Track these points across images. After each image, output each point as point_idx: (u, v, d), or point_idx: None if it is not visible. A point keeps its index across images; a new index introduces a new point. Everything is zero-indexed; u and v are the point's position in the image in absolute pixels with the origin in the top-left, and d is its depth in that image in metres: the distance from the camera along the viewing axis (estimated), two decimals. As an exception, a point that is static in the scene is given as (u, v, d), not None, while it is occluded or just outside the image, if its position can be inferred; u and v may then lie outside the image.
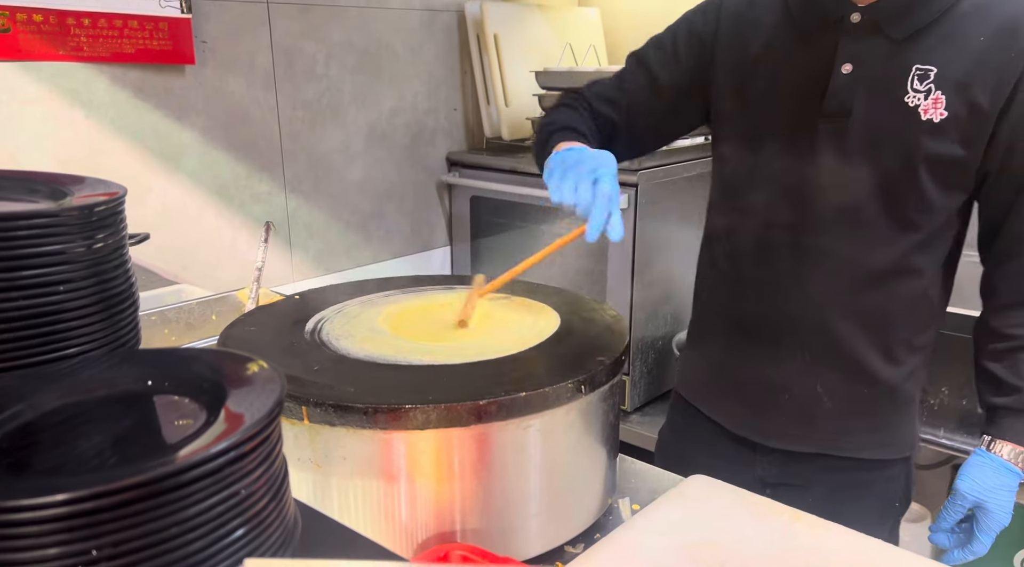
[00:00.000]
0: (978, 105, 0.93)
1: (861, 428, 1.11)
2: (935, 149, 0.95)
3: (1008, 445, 1.03)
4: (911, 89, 0.95)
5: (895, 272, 1.03)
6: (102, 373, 0.53)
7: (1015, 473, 1.03)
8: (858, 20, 0.96)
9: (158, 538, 0.39)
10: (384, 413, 0.73)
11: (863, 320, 1.05)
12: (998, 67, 0.92)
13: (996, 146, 0.95)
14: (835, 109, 0.98)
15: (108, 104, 1.68)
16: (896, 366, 1.08)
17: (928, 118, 0.94)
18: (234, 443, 0.41)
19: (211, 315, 1.28)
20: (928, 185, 0.97)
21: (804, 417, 1.11)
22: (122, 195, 0.59)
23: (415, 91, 2.32)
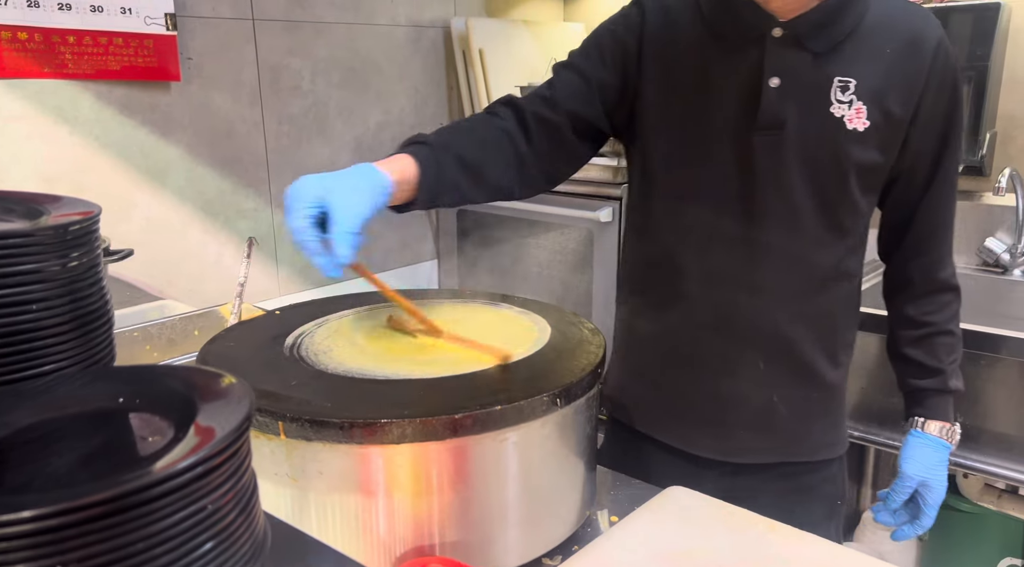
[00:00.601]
0: (893, 113, 1.00)
1: (814, 431, 1.15)
2: (861, 157, 1.01)
3: (937, 423, 1.14)
4: (835, 100, 0.99)
5: (834, 276, 1.09)
6: (75, 391, 0.54)
7: (946, 447, 1.14)
8: (780, 35, 0.98)
9: (124, 553, 0.39)
10: (360, 428, 0.73)
11: (811, 325, 1.09)
12: (906, 77, 1.00)
13: (907, 151, 1.04)
14: (769, 122, 1.00)
15: (93, 121, 1.69)
16: (837, 367, 1.14)
17: (853, 128, 1.00)
18: (200, 459, 0.42)
19: (193, 331, 1.29)
20: (856, 191, 1.03)
21: (762, 428, 1.12)
22: (96, 214, 0.60)
23: (401, 106, 2.34)
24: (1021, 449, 1.50)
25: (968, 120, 1.78)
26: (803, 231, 1.04)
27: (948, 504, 1.80)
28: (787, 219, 1.04)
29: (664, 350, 1.14)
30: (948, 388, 1.14)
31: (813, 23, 0.97)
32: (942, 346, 1.13)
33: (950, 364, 1.13)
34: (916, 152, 1.04)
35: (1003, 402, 1.51)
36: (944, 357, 1.13)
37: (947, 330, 1.13)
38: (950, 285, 1.14)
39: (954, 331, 1.14)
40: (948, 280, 1.13)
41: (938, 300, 1.13)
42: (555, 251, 2.24)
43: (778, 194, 1.02)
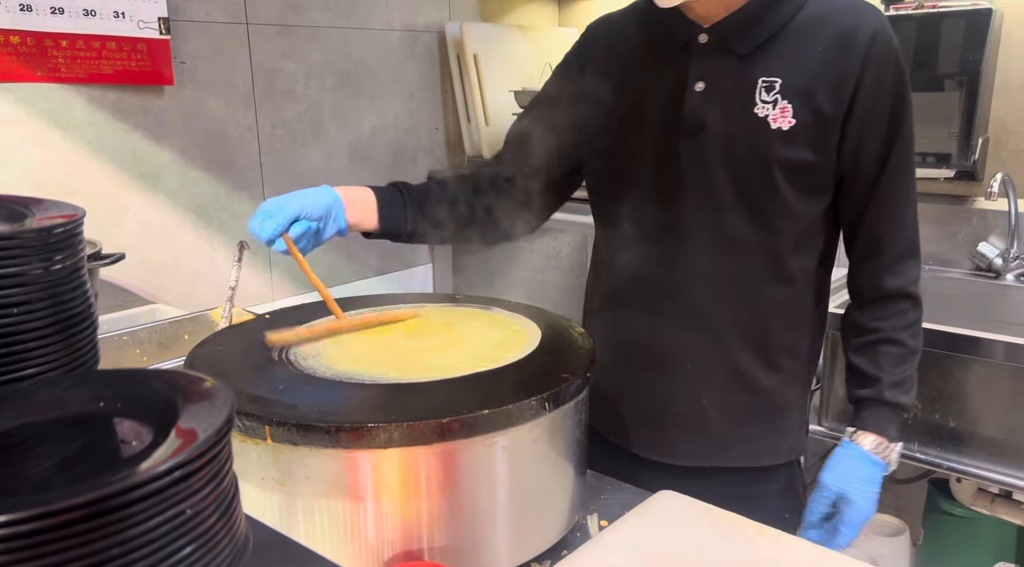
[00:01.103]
0: (822, 111, 0.98)
1: (747, 436, 1.12)
2: (787, 155, 0.99)
3: (870, 436, 1.07)
4: (759, 100, 1.00)
5: (767, 279, 1.06)
6: (56, 394, 0.53)
7: (877, 464, 1.07)
8: (706, 40, 1.01)
9: (100, 559, 0.39)
10: (346, 432, 0.73)
11: (742, 328, 1.08)
12: (837, 75, 0.97)
13: (846, 149, 1.00)
14: (691, 125, 1.02)
15: (85, 125, 1.69)
16: (776, 373, 1.10)
17: (777, 127, 0.99)
18: (179, 463, 0.42)
19: (183, 335, 1.28)
20: (786, 191, 1.01)
21: (692, 429, 1.12)
22: (80, 217, 0.60)
23: (396, 110, 2.34)
24: (1014, 454, 1.50)
25: (960, 125, 1.79)
26: (729, 233, 1.04)
27: (941, 509, 1.80)
28: (712, 222, 1.04)
29: (609, 349, 1.15)
30: (884, 399, 1.07)
31: (735, 27, 1.00)
32: (886, 355, 1.07)
33: (894, 375, 1.07)
34: (857, 150, 1.01)
35: (996, 407, 1.51)
36: (887, 367, 1.07)
37: (894, 339, 1.07)
38: (905, 293, 1.07)
39: (904, 342, 1.07)
40: (902, 287, 1.06)
41: (888, 307, 1.07)
42: (549, 255, 2.24)
43: (703, 197, 1.04)
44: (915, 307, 1.08)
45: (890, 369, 1.07)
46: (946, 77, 1.80)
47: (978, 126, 1.80)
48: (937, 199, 1.97)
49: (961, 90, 1.78)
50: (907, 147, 1.03)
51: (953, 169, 1.84)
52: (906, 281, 1.06)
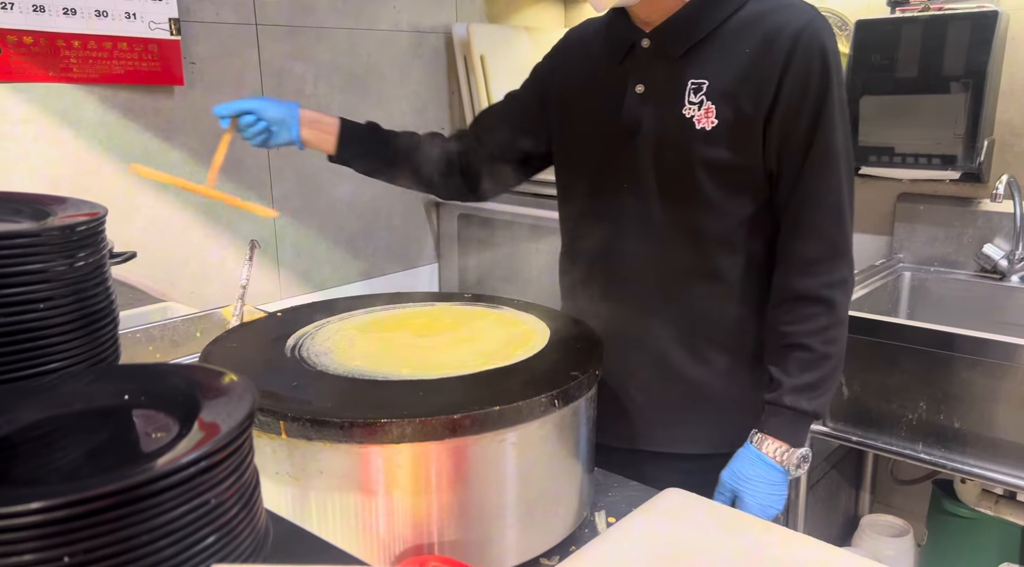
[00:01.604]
0: (744, 112, 1.01)
1: (671, 422, 1.14)
2: (708, 154, 1.02)
3: (770, 440, 1.06)
4: (687, 102, 1.03)
5: (695, 275, 1.08)
6: (81, 388, 0.55)
7: (774, 468, 1.05)
8: (647, 45, 1.06)
9: (129, 545, 0.40)
10: (360, 427, 0.74)
11: (665, 320, 1.11)
12: (760, 76, 1.00)
13: (770, 148, 1.02)
14: (628, 126, 1.07)
15: (97, 124, 1.70)
16: (705, 366, 1.12)
17: (701, 127, 1.02)
18: (204, 454, 0.43)
19: (195, 332, 1.30)
20: (709, 190, 1.04)
21: (617, 411, 1.15)
22: (103, 215, 0.61)
23: (403, 111, 2.35)
24: (1019, 455, 1.50)
25: (966, 127, 1.80)
26: (658, 228, 1.08)
27: (946, 509, 1.81)
28: (645, 216, 1.09)
29: None
30: (784, 404, 1.05)
31: (671, 31, 1.04)
32: (793, 360, 1.05)
33: (798, 380, 1.04)
34: (781, 149, 1.02)
35: (1000, 408, 1.51)
36: (793, 372, 1.05)
37: (802, 344, 1.04)
38: (817, 296, 1.04)
39: (812, 346, 1.04)
40: (814, 290, 1.04)
41: (799, 310, 1.05)
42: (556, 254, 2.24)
43: (637, 192, 1.09)
44: (829, 311, 1.04)
45: (796, 374, 1.05)
46: (952, 79, 1.80)
47: (984, 128, 1.81)
48: (942, 201, 1.98)
49: (967, 92, 1.79)
50: (829, 148, 1.01)
51: (958, 171, 1.85)
52: (820, 283, 1.03)
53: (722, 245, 1.07)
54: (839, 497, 2.09)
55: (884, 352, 1.58)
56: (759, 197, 1.06)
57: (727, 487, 1.08)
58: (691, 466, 1.14)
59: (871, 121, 1.89)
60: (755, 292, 1.10)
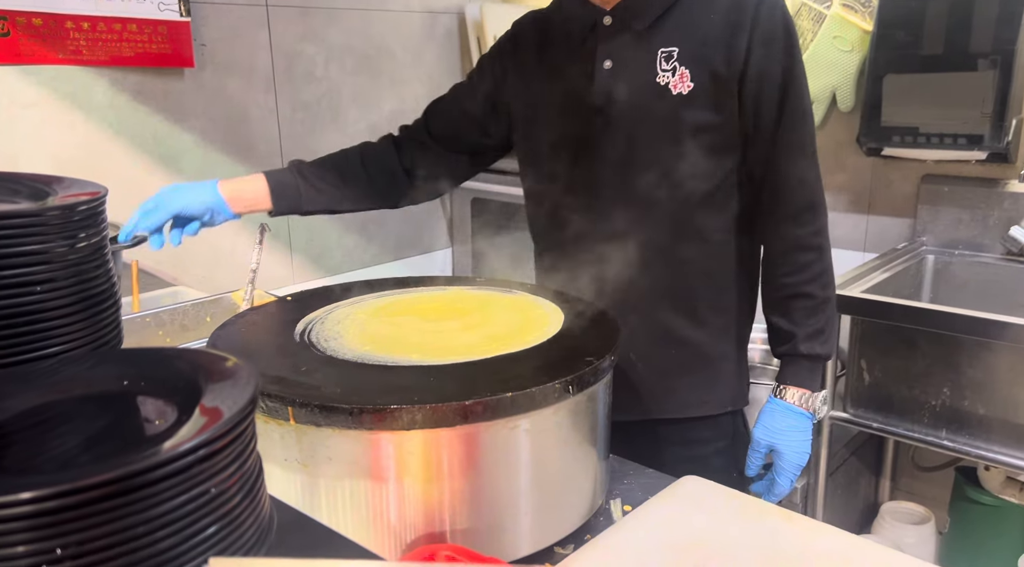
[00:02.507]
0: (718, 73, 1.04)
1: (677, 388, 1.16)
2: (690, 118, 1.05)
3: (792, 389, 1.12)
4: (660, 70, 1.06)
5: (682, 239, 1.10)
6: (80, 373, 0.53)
7: (803, 415, 1.12)
8: (609, 22, 1.09)
9: (124, 537, 0.38)
10: (369, 413, 0.73)
11: (658, 285, 1.12)
12: (729, 37, 1.03)
13: (746, 106, 1.06)
14: (601, 101, 1.09)
15: (107, 107, 1.69)
16: (700, 327, 1.14)
17: (678, 92, 1.05)
18: (203, 441, 0.41)
19: (205, 317, 1.29)
20: (692, 153, 1.06)
21: (623, 384, 1.13)
22: (103, 195, 0.60)
23: (415, 93, 2.32)
24: (1044, 442, 1.47)
25: (993, 106, 1.74)
26: (642, 197, 1.09)
27: (969, 497, 1.77)
28: (627, 188, 1.09)
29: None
30: (800, 352, 1.11)
31: (632, 6, 1.07)
32: (799, 310, 1.11)
33: (808, 327, 1.11)
34: (756, 107, 1.05)
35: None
36: (801, 320, 1.11)
37: (804, 292, 1.10)
38: (808, 244, 1.10)
39: (813, 294, 1.10)
40: (805, 238, 1.09)
41: (793, 260, 1.10)
42: (570, 239, 2.21)
43: (616, 166, 1.10)
44: (821, 257, 1.10)
45: (804, 322, 1.10)
46: (979, 56, 1.75)
47: (1012, 107, 1.75)
48: (968, 182, 1.93)
49: (995, 70, 1.74)
50: (801, 101, 1.07)
51: (985, 151, 1.79)
52: (809, 231, 1.09)
53: (706, 207, 1.10)
54: (859, 484, 2.06)
55: (906, 337, 1.55)
56: (732, 156, 1.09)
57: (762, 444, 1.13)
58: (695, 437, 1.17)
59: (895, 100, 1.84)
60: (736, 250, 1.15)
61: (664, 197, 1.09)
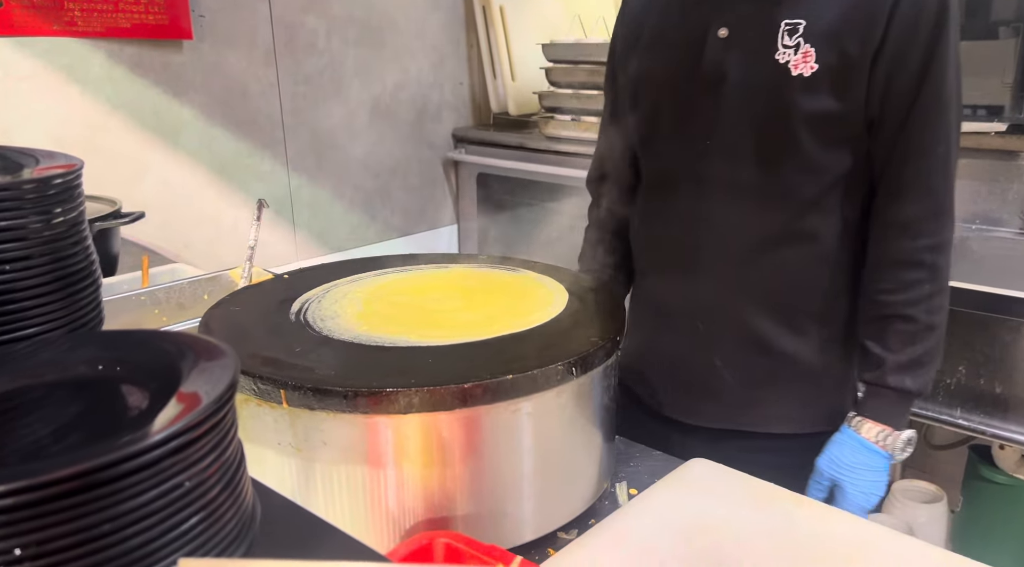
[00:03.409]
0: (848, 54, 0.90)
1: (765, 400, 1.05)
2: (807, 104, 0.92)
3: (870, 423, 0.98)
4: (781, 46, 0.93)
5: (785, 238, 0.99)
6: (56, 356, 0.50)
7: (876, 453, 0.97)
8: None
9: (89, 535, 0.36)
10: (365, 397, 0.70)
11: (755, 289, 1.01)
12: (867, 13, 0.90)
13: (873, 93, 0.92)
14: (711, 74, 0.97)
15: (104, 80, 1.65)
16: (800, 337, 1.02)
17: (799, 73, 0.92)
18: (174, 432, 0.38)
19: (203, 295, 1.26)
20: (807, 143, 0.94)
21: (706, 391, 1.07)
22: (79, 168, 0.56)
23: (419, 65, 2.27)
24: (1061, 421, 1.43)
25: (1015, 75, 1.69)
26: (746, 187, 0.98)
27: (982, 476, 1.75)
28: (730, 175, 0.99)
29: (645, 309, 1.17)
30: (887, 383, 0.96)
31: None
32: (895, 334, 0.96)
33: (901, 356, 0.96)
34: (885, 93, 0.92)
35: (1043, 372, 1.44)
36: (895, 346, 0.96)
37: (905, 315, 0.95)
38: (919, 260, 0.94)
39: (915, 317, 0.95)
40: (917, 253, 0.94)
41: (898, 276, 0.95)
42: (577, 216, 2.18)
43: (722, 149, 0.99)
44: (933, 277, 0.95)
45: (898, 349, 0.96)
46: (1000, 24, 1.69)
47: (1034, 76, 1.70)
48: (987, 154, 1.87)
49: (1017, 38, 1.68)
50: (941, 92, 0.92)
51: (1005, 122, 1.74)
52: (923, 246, 0.95)
53: (816, 206, 0.97)
54: (869, 463, 2.03)
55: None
56: (858, 151, 0.95)
57: (824, 475, 1.00)
58: (779, 446, 1.05)
59: (913, 70, 1.78)
60: (849, 257, 1.01)
61: (769, 192, 0.97)
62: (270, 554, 0.48)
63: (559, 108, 2.07)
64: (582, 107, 2.01)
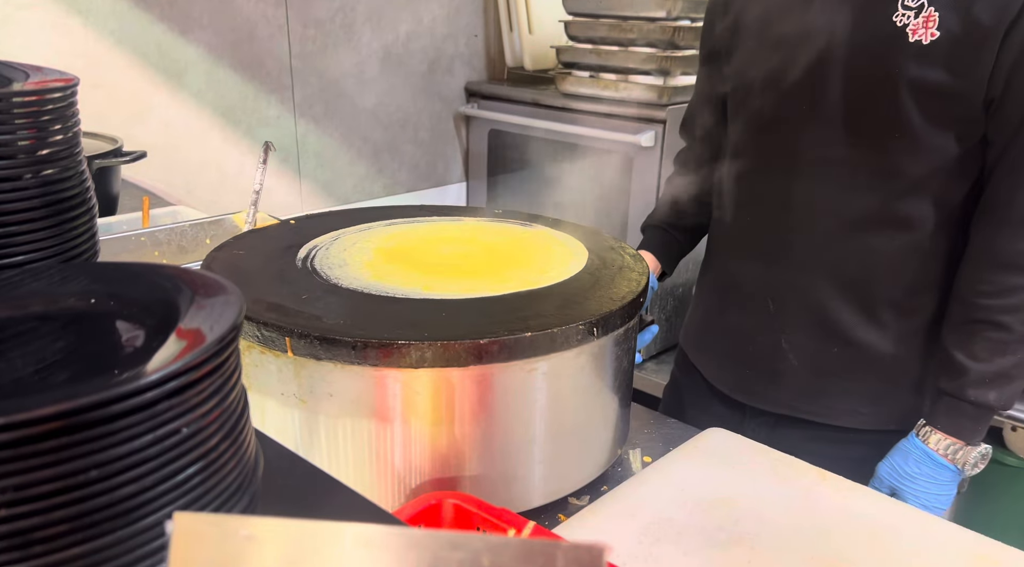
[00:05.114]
0: (979, 22, 0.80)
1: (831, 390, 1.00)
2: (920, 75, 0.83)
3: (941, 436, 0.91)
4: (901, 6, 0.84)
5: (875, 221, 0.91)
6: (43, 287, 0.46)
7: (944, 466, 0.91)
8: None
9: (73, 482, 0.32)
10: (374, 348, 0.66)
11: (836, 272, 0.95)
12: None
13: (999, 70, 0.81)
14: (814, 34, 0.89)
15: (108, 13, 1.59)
16: (878, 328, 0.96)
17: (916, 40, 0.83)
18: (171, 373, 0.34)
19: (205, 239, 1.22)
20: (914, 119, 0.85)
21: (769, 373, 1.03)
22: (75, 83, 0.52)
23: (433, 14, 2.20)
24: (1078, 407, 1.40)
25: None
26: (838, 168, 0.91)
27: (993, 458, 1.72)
28: (822, 153, 0.92)
29: (706, 288, 1.14)
30: (967, 398, 0.89)
31: None
32: (984, 341, 0.88)
33: (987, 366, 0.88)
34: (1012, 73, 0.81)
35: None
36: (982, 355, 0.88)
37: (998, 322, 0.87)
38: (1020, 265, 0.86)
39: (1010, 326, 0.87)
40: (1018, 258, 0.86)
41: (998, 279, 0.87)
42: (590, 177, 2.12)
43: (814, 120, 0.91)
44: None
45: (986, 359, 0.88)
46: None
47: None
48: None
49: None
50: None
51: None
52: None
53: (917, 189, 0.89)
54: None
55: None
56: (971, 133, 0.86)
57: (884, 483, 0.95)
58: (844, 438, 1.00)
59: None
60: (947, 249, 0.93)
61: (867, 170, 0.90)
62: (272, 509, 0.45)
63: (577, 63, 2.00)
64: (602, 63, 1.94)
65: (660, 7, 1.82)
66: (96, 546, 0.33)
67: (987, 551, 0.73)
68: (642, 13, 1.85)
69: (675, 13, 1.81)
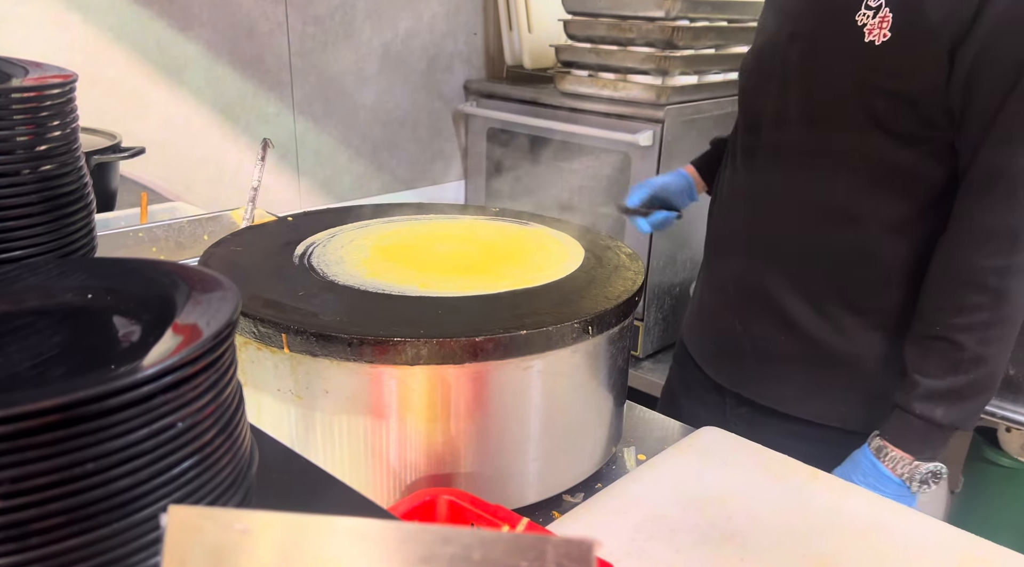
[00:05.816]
0: (928, 26, 0.79)
1: (778, 377, 1.02)
2: (870, 76, 0.84)
3: (891, 449, 0.89)
4: (864, 6, 0.84)
5: (838, 218, 0.92)
6: (40, 282, 0.46)
7: (891, 480, 0.89)
8: None
9: (70, 474, 0.32)
10: (370, 345, 0.66)
11: (792, 263, 0.97)
12: None
13: (955, 79, 0.80)
14: (787, 23, 0.93)
15: (107, 9, 1.59)
16: (825, 321, 0.96)
17: (870, 40, 0.83)
18: (167, 368, 0.35)
19: (203, 235, 1.22)
20: (868, 120, 0.85)
21: (729, 352, 1.08)
22: (73, 79, 0.52)
23: (433, 12, 2.20)
24: (1070, 407, 1.41)
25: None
26: (794, 158, 0.94)
27: (986, 457, 1.73)
28: (785, 145, 0.96)
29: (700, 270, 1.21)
30: (912, 410, 0.87)
31: None
32: (938, 357, 0.86)
33: (936, 383, 0.86)
34: (969, 83, 0.80)
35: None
36: (935, 371, 0.86)
37: (952, 339, 0.85)
38: (983, 283, 0.83)
39: (963, 345, 0.84)
40: (982, 274, 0.83)
41: (956, 295, 0.85)
42: (589, 175, 2.13)
43: (776, 113, 0.96)
44: (996, 305, 0.83)
45: (936, 375, 0.86)
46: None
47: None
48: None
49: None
50: None
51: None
52: (992, 266, 0.83)
53: (869, 188, 0.89)
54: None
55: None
56: (924, 137, 0.85)
57: None
58: (816, 436, 0.99)
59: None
60: (907, 254, 0.91)
61: (816, 163, 0.90)
62: (266, 504, 0.45)
63: (576, 63, 2.00)
64: (601, 62, 1.95)
65: (659, 7, 1.83)
66: (92, 538, 0.33)
67: (980, 551, 0.74)
68: (641, 13, 1.85)
69: (674, 13, 1.82)
